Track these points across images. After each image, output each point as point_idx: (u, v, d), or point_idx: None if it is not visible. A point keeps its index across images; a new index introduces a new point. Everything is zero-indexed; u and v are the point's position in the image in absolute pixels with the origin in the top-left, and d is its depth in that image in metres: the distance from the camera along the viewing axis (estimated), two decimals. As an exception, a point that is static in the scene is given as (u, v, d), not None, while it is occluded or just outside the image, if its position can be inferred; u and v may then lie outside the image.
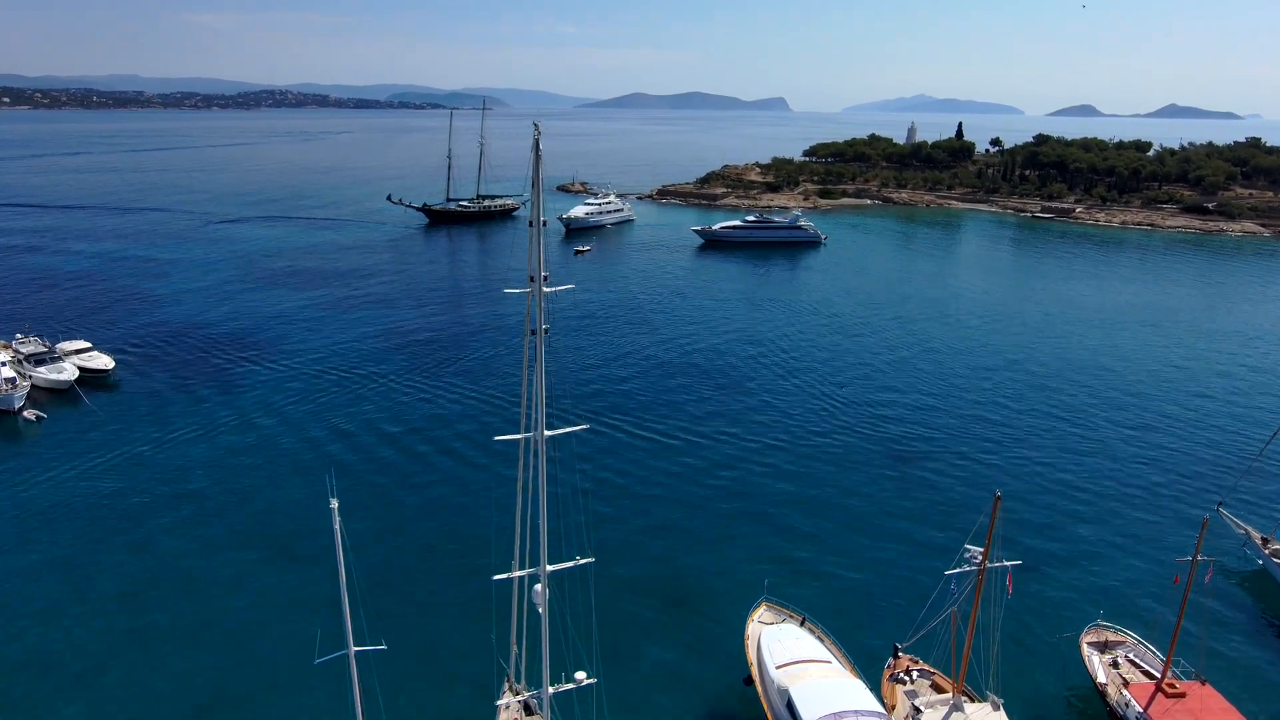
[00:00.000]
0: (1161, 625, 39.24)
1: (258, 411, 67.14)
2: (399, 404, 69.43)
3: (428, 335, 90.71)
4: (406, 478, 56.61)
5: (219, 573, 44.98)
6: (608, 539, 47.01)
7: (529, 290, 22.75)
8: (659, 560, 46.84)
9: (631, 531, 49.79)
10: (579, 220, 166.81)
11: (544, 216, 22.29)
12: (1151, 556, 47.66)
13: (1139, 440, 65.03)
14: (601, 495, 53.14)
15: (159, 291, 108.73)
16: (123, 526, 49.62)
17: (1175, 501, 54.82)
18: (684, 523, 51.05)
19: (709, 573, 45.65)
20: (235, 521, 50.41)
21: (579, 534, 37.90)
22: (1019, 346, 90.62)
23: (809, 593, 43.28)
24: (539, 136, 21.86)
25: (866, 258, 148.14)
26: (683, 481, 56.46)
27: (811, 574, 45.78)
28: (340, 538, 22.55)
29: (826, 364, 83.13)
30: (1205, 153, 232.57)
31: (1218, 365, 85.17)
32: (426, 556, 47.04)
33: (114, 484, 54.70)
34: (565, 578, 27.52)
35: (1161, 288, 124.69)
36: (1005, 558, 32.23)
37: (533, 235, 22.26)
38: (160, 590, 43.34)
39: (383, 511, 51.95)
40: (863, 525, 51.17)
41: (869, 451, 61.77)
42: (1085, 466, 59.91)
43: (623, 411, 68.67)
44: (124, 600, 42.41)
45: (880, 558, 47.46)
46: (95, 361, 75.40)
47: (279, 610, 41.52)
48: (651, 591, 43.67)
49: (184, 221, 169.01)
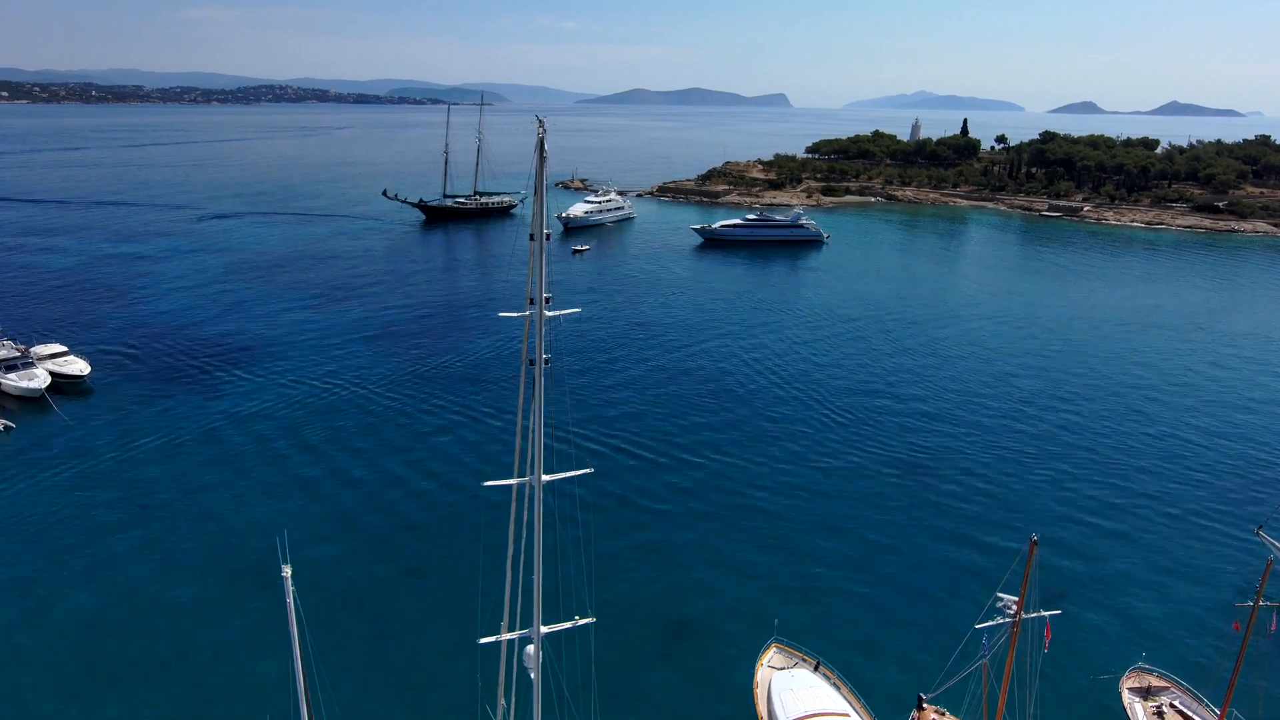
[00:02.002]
0: (1209, 668, 36.00)
1: (232, 424, 63.58)
2: (380, 422, 64.86)
3: (418, 343, 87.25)
4: (383, 517, 50.49)
5: (180, 601, 41.72)
6: (605, 572, 43.54)
7: (528, 314, 19.33)
8: (660, 595, 43.38)
9: (629, 561, 46.37)
10: (578, 219, 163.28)
11: (544, 218, 18.81)
12: (1192, 588, 44.32)
13: (1173, 456, 61.55)
14: (598, 526, 49.70)
15: (144, 290, 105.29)
16: (83, 546, 46.39)
17: (1216, 524, 51.41)
18: (687, 553, 47.49)
19: (715, 609, 42.16)
20: (200, 544, 47.09)
21: (579, 586, 34.17)
22: (1036, 353, 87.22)
23: (823, 633, 39.77)
24: (543, 135, 18.40)
25: (870, 257, 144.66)
26: (684, 505, 52.86)
27: (825, 612, 42.18)
28: (294, 611, 19.15)
29: (831, 373, 79.77)
30: (1215, 150, 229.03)
31: (1246, 373, 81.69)
32: (402, 613, 41.09)
33: (77, 499, 51.36)
34: (563, 637, 24.00)
35: (1180, 290, 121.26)
36: (1040, 600, 28.95)
37: (533, 250, 18.76)
38: (118, 617, 40.16)
39: (352, 555, 46.27)
40: (881, 556, 47.49)
41: (884, 471, 58.22)
42: (1116, 485, 56.47)
43: (618, 426, 65.19)
44: (82, 629, 39.24)
45: (901, 592, 43.95)
46: (70, 367, 71.99)
47: (240, 654, 37.85)
48: (653, 630, 40.23)
49: (175, 217, 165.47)
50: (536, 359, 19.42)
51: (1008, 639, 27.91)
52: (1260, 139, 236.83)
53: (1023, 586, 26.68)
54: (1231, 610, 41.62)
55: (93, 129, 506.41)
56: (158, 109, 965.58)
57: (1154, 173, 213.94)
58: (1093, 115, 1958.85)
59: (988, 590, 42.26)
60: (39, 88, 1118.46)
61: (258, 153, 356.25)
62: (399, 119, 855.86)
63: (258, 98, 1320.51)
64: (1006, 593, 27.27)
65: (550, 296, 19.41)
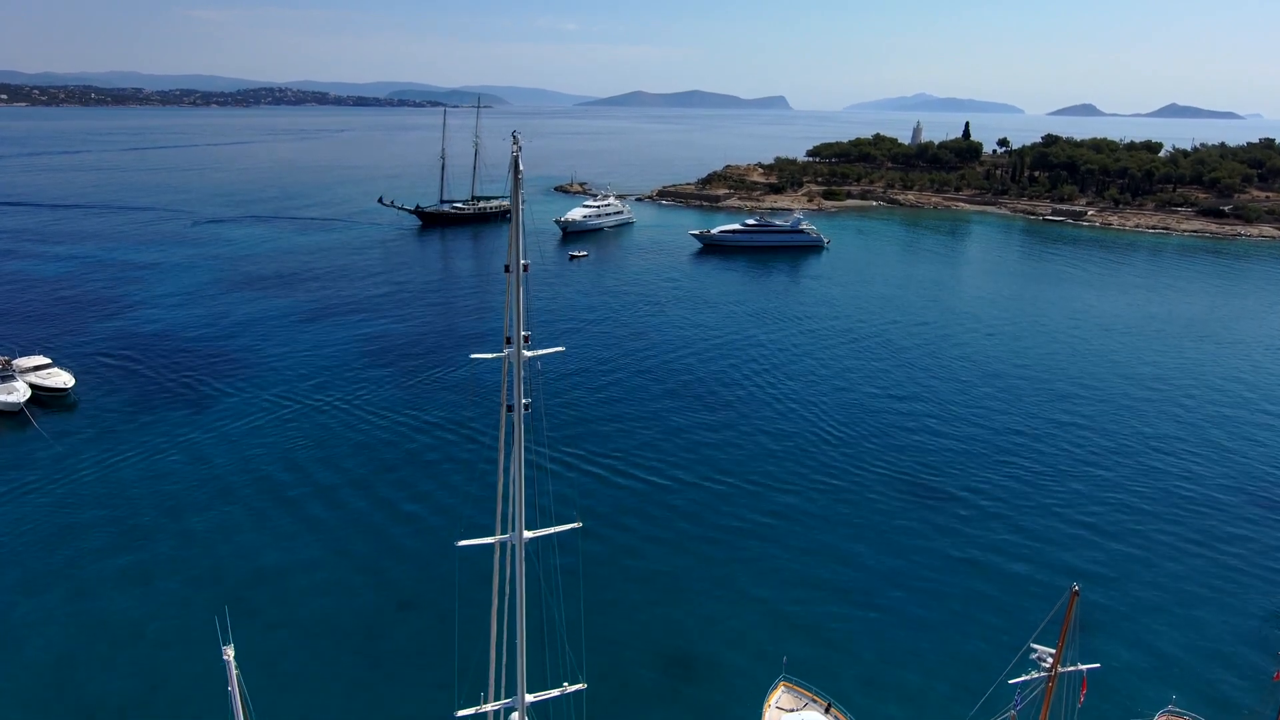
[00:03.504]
0: (1244, 709, 33.86)
1: (218, 443, 61.23)
2: (365, 447, 61.75)
3: (410, 355, 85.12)
4: (355, 561, 46.37)
5: (162, 634, 39.63)
6: (598, 606, 41.41)
7: (505, 355, 17.19)
8: (659, 628, 41.19)
9: (624, 591, 44.15)
10: (576, 223, 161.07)
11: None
12: (1224, 620, 42.11)
13: (1199, 476, 59.26)
14: (589, 554, 47.52)
15: (134, 299, 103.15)
16: (59, 572, 44.37)
17: (1245, 551, 49.18)
18: (687, 582, 45.06)
19: (718, 643, 39.97)
20: (182, 571, 44.98)
21: (568, 643, 31.69)
22: (1046, 366, 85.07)
23: (834, 672, 37.61)
24: (518, 152, 16.29)
25: (871, 263, 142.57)
26: (681, 530, 50.44)
27: (836, 647, 39.95)
28: (239, 694, 17.07)
29: (833, 384, 77.67)
30: (1219, 154, 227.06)
31: (1267, 388, 79.48)
32: (369, 685, 36.83)
33: (54, 523, 49.24)
34: (551, 705, 21.76)
35: (1191, 296, 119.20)
36: (1077, 645, 26.77)
37: (510, 282, 16.67)
38: (96, 649, 38.24)
39: (318, 612, 41.83)
40: (892, 586, 45.21)
41: (892, 493, 55.96)
42: (1139, 509, 54.25)
43: (611, 442, 62.88)
44: (58, 664, 37.23)
45: (916, 627, 41.64)
46: (54, 379, 69.87)
47: (221, 690, 35.68)
48: (651, 668, 38.01)
49: (170, 222, 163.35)
50: (515, 404, 17.27)
51: (1041, 693, 25.81)
52: (1265, 142, 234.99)
53: (1060, 640, 24.58)
54: (1266, 643, 39.60)
55: (91, 132, 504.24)
56: (157, 112, 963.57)
57: (1158, 176, 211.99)
58: (1092, 118, 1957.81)
59: (1009, 628, 40.24)
60: (38, 90, 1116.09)
61: (256, 156, 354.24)
62: (398, 121, 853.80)
63: (257, 100, 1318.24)
64: (1041, 643, 25.18)
65: (529, 335, 17.26)
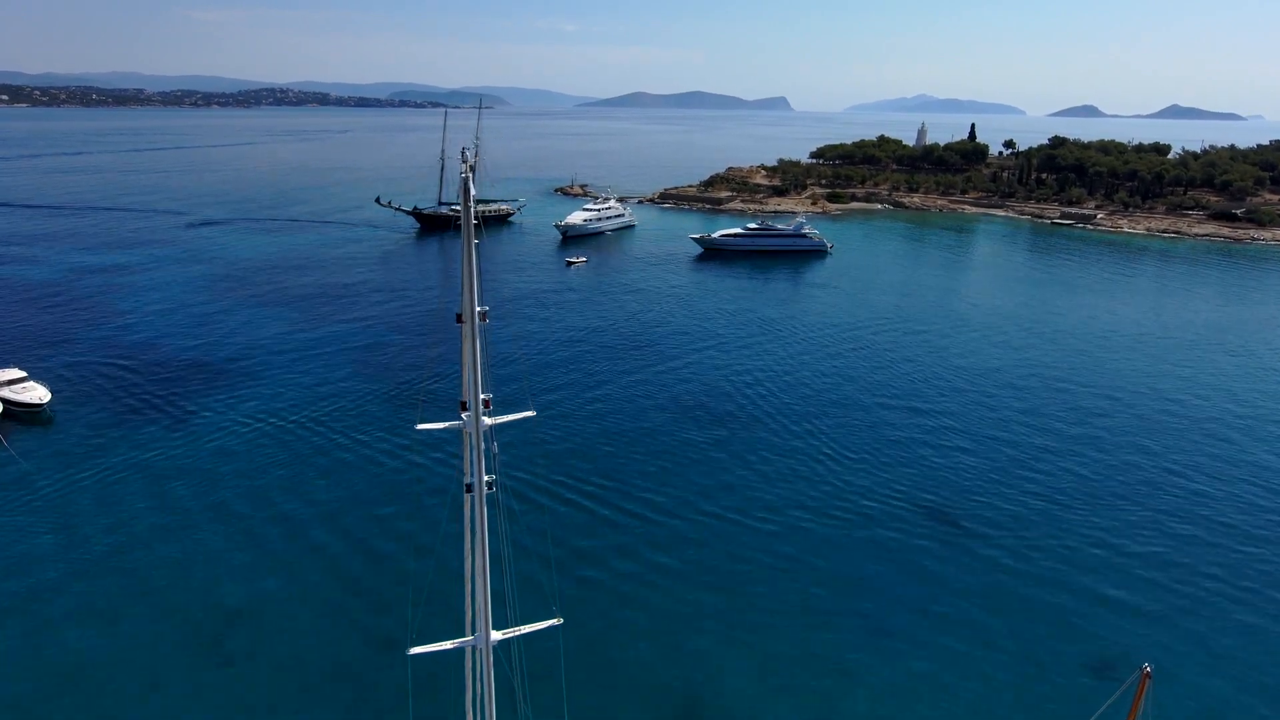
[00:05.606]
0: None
1: (199, 465, 57.96)
2: (344, 479, 59.22)
3: (405, 362, 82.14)
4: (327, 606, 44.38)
5: (125, 674, 36.80)
6: (586, 660, 38.38)
7: (461, 424, 14.06)
8: (666, 678, 38.26)
9: (619, 640, 41.19)
10: (576, 227, 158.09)
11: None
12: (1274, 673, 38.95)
13: (1254, 507, 55.80)
14: (574, 599, 44.50)
15: (120, 306, 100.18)
16: (18, 609, 41.45)
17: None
18: (685, 638, 41.26)
19: (729, 702, 36.94)
20: (150, 608, 42.07)
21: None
22: (1065, 380, 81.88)
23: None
24: (468, 174, 13.28)
25: (876, 268, 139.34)
26: (677, 577, 46.28)
27: (854, 707, 36.79)
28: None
29: (840, 393, 74.60)
30: (1229, 156, 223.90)
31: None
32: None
33: (16, 553, 46.31)
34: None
35: (1213, 303, 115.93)
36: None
37: (467, 336, 13.57)
38: (58, 699, 35.30)
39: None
40: (916, 638, 41.72)
41: (913, 529, 52.57)
42: (1182, 537, 51.06)
43: (602, 462, 59.70)
44: (10, 710, 34.40)
45: (943, 689, 38.15)
46: (28, 394, 66.92)
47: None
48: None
49: (165, 224, 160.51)
50: (475, 483, 14.09)
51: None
52: (1275, 144, 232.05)
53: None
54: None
55: (92, 133, 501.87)
56: (158, 113, 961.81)
57: (1168, 179, 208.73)
58: (1094, 119, 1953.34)
59: (1056, 696, 36.94)
60: (39, 91, 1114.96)
61: (254, 157, 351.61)
62: (399, 122, 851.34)
63: (258, 101, 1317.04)
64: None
65: (490, 398, 14.05)
